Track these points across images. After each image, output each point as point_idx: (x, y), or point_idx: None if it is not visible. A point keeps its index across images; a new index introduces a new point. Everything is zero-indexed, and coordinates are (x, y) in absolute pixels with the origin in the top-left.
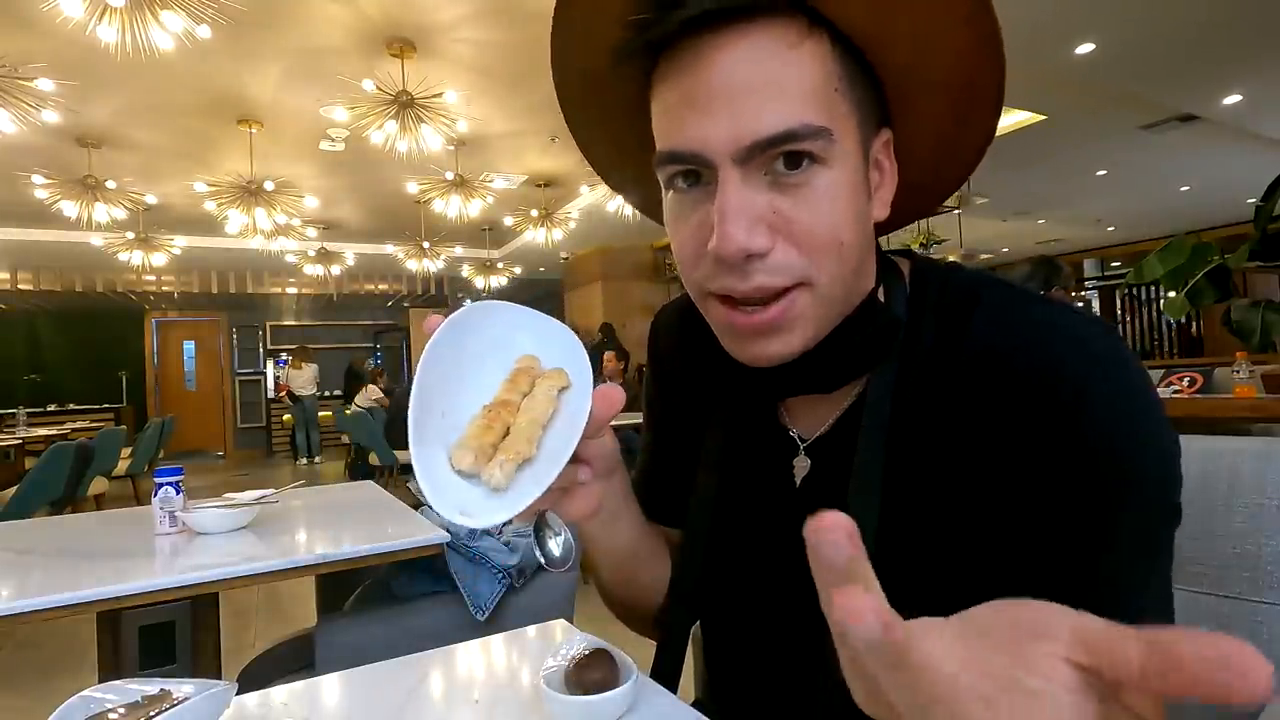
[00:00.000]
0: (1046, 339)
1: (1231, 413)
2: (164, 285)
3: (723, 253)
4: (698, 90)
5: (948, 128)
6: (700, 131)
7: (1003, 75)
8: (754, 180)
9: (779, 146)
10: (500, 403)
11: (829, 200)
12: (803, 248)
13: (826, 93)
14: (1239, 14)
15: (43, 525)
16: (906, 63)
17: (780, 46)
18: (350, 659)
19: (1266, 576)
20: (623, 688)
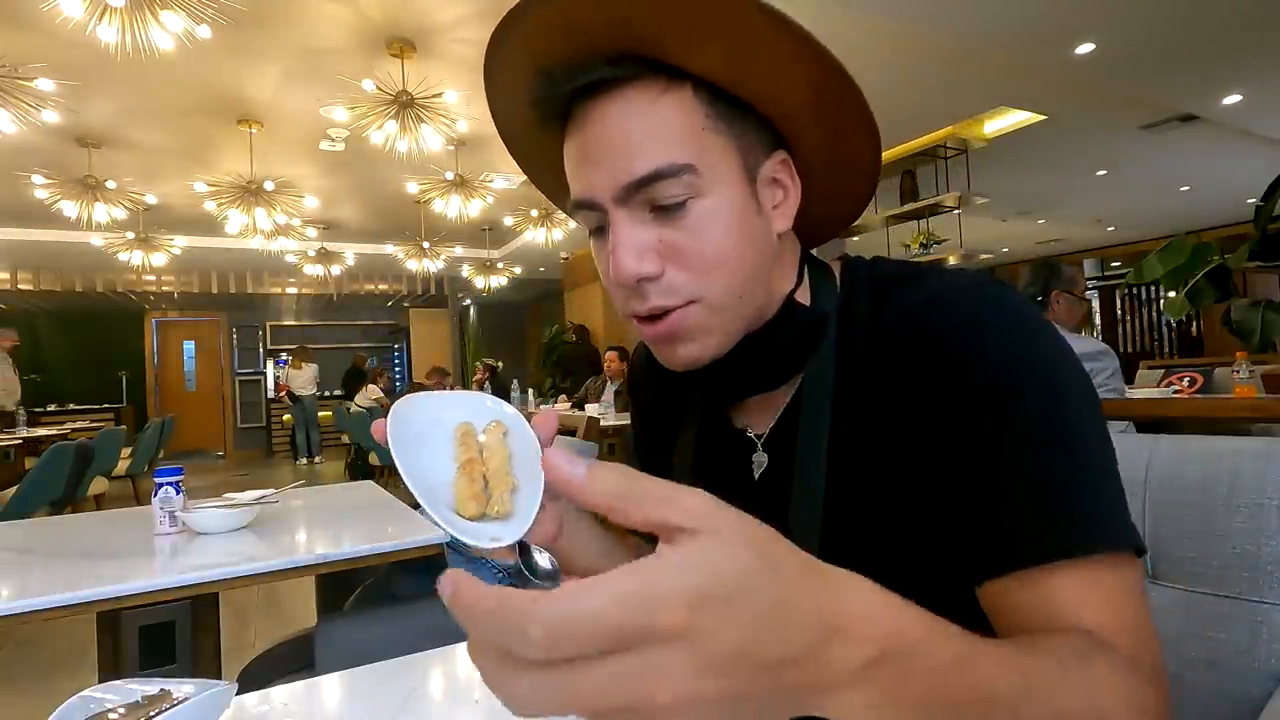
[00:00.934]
0: (941, 288)
1: (1231, 413)
2: (164, 285)
3: (618, 279)
4: (584, 148)
5: (832, 143)
6: (588, 181)
7: (857, 97)
8: (639, 216)
9: (650, 185)
10: (468, 461)
11: (709, 225)
12: (690, 269)
13: (693, 133)
14: (1239, 14)
15: (43, 525)
16: (766, 97)
17: (643, 102)
18: (350, 659)
19: (1266, 576)
20: None
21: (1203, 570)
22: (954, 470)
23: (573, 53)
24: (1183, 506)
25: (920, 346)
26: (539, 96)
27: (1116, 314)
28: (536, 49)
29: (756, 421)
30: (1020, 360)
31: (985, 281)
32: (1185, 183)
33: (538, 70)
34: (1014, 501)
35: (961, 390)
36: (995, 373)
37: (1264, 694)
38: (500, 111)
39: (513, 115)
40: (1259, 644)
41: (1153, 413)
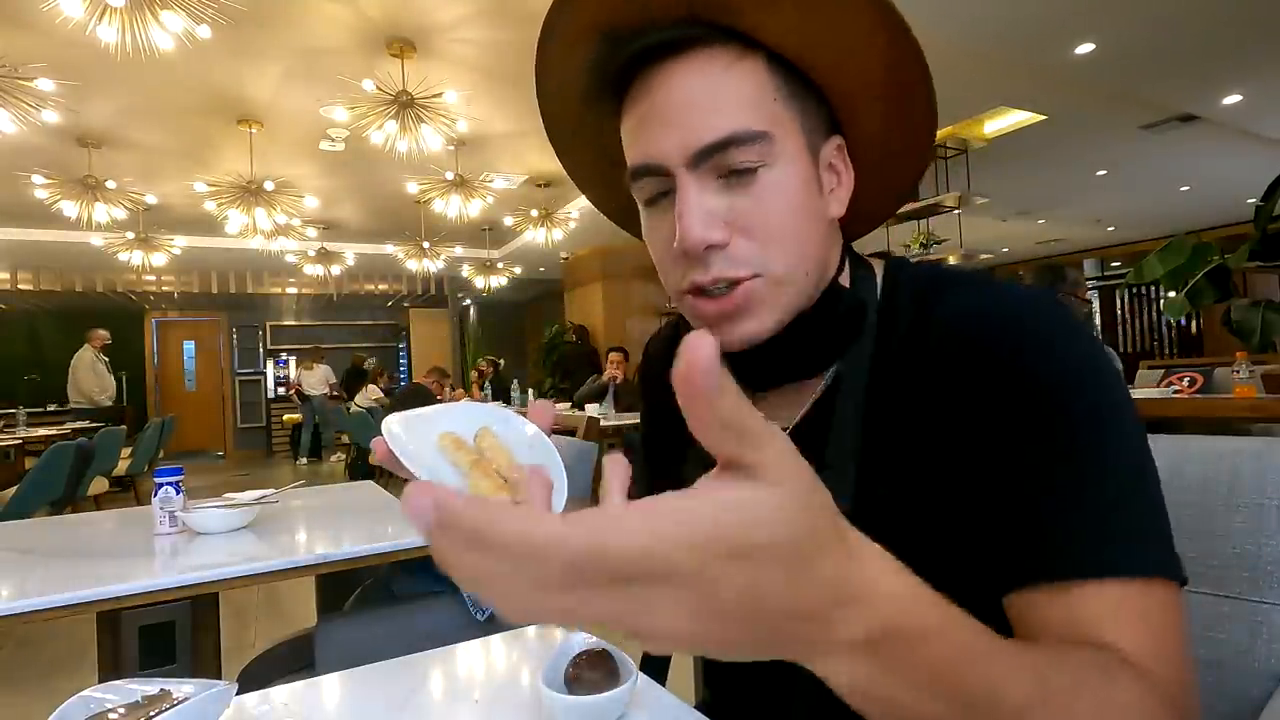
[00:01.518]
0: (992, 303)
1: (1231, 413)
2: (164, 285)
3: (685, 245)
4: (651, 112)
5: (889, 132)
6: (656, 145)
7: (926, 78)
8: (707, 183)
9: (723, 150)
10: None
11: (777, 196)
12: (757, 239)
13: (765, 103)
14: (1239, 14)
15: (43, 525)
16: (836, 75)
17: (716, 68)
18: (350, 659)
19: (1266, 576)
20: (623, 688)
21: (1203, 570)
22: (995, 479)
23: (641, 14)
24: (1183, 506)
25: (970, 353)
26: (599, 61)
27: (1117, 314)
28: (603, 9)
29: (780, 415)
30: (1072, 375)
31: (1039, 294)
32: (1185, 183)
33: (603, 33)
34: (1055, 514)
35: (1010, 401)
36: (1046, 386)
37: (1264, 694)
38: (552, 78)
39: (565, 84)
40: (1259, 644)
41: (1153, 413)
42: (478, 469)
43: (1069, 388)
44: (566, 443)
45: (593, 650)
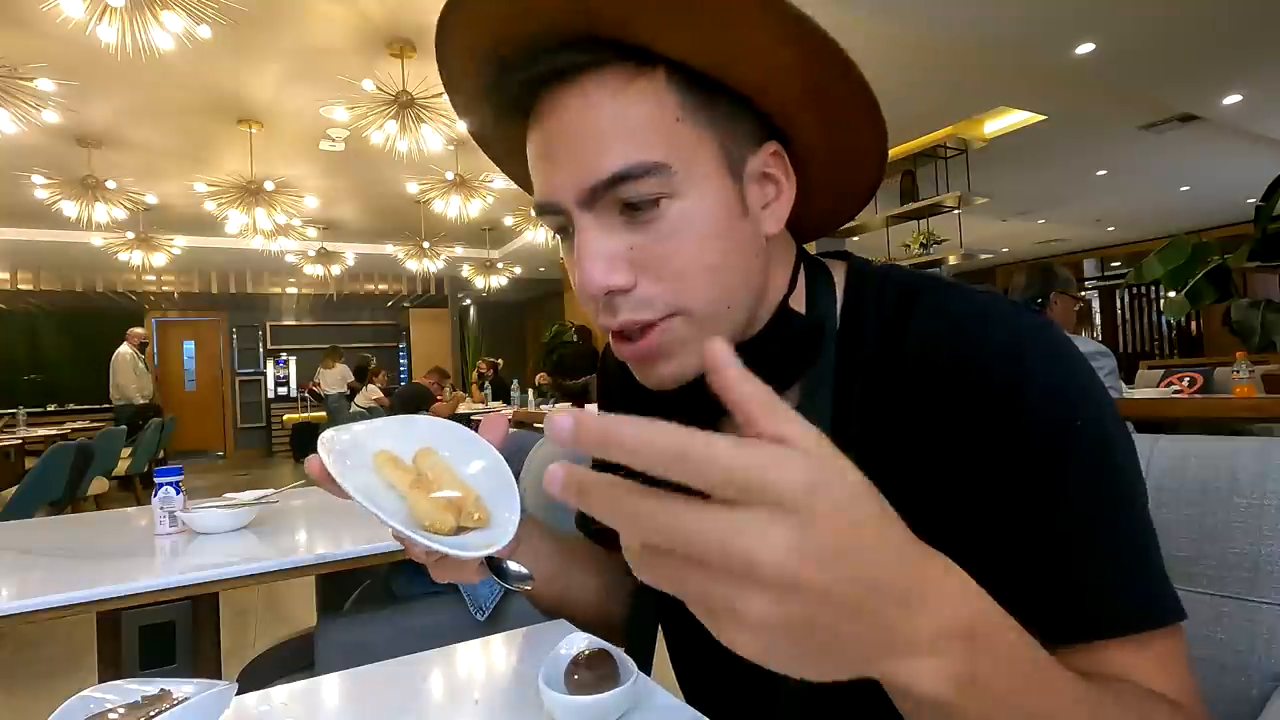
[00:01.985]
0: (979, 328)
1: (1231, 413)
2: (164, 285)
3: (584, 292)
4: (543, 145)
5: (830, 134)
6: (548, 184)
7: (858, 88)
8: (608, 221)
9: (616, 187)
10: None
11: (685, 230)
12: (665, 279)
13: (663, 127)
14: (1239, 14)
15: (43, 525)
16: (752, 83)
17: (605, 94)
18: (350, 659)
19: (1266, 576)
20: (623, 688)
21: (1202, 570)
22: (991, 525)
23: (530, 36)
24: (1183, 506)
25: (951, 380)
26: (494, 85)
27: (1117, 314)
28: (489, 32)
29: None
30: (1067, 411)
31: (1023, 314)
32: (1185, 183)
33: (492, 57)
34: (1066, 574)
35: (1003, 437)
36: (1041, 422)
37: (1264, 694)
38: (459, 100)
39: (471, 105)
40: (1259, 644)
41: (1153, 413)
42: (417, 488)
43: (1062, 420)
44: None
45: (593, 650)
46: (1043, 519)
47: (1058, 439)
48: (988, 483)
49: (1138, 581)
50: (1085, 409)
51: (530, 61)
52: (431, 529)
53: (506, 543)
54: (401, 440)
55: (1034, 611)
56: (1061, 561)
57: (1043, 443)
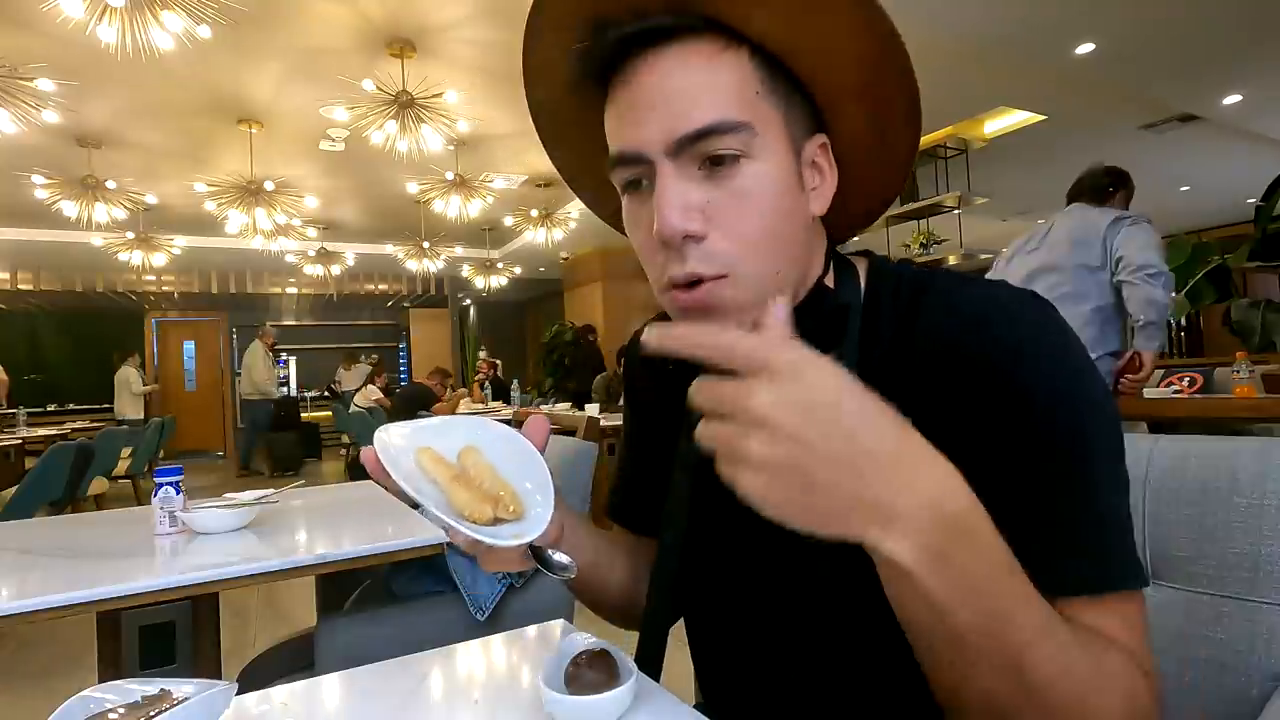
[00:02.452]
0: (983, 312)
1: (1231, 413)
2: (164, 285)
3: (664, 235)
4: (634, 99)
5: (872, 132)
6: (637, 133)
7: (910, 84)
8: (688, 173)
9: (705, 139)
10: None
11: (757, 190)
12: (733, 236)
13: (747, 95)
14: (1239, 14)
15: (43, 525)
16: (818, 71)
17: (700, 59)
18: (350, 659)
19: (1266, 576)
20: (623, 688)
21: (1203, 570)
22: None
23: (629, 3)
24: (1183, 506)
25: (959, 358)
26: (586, 48)
27: None
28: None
29: None
30: (1063, 394)
31: (1028, 298)
32: (1185, 183)
33: (589, 19)
34: (1044, 534)
35: (1002, 415)
36: (1040, 405)
37: (1264, 694)
38: (539, 67)
39: (552, 73)
40: (1259, 644)
41: (1153, 413)
42: (457, 483)
43: (1061, 407)
44: (566, 443)
45: (593, 650)
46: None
47: (1048, 420)
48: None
49: (1106, 549)
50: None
51: (629, 21)
52: (470, 519)
53: (537, 535)
54: (446, 438)
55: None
56: (1034, 521)
57: (1032, 421)
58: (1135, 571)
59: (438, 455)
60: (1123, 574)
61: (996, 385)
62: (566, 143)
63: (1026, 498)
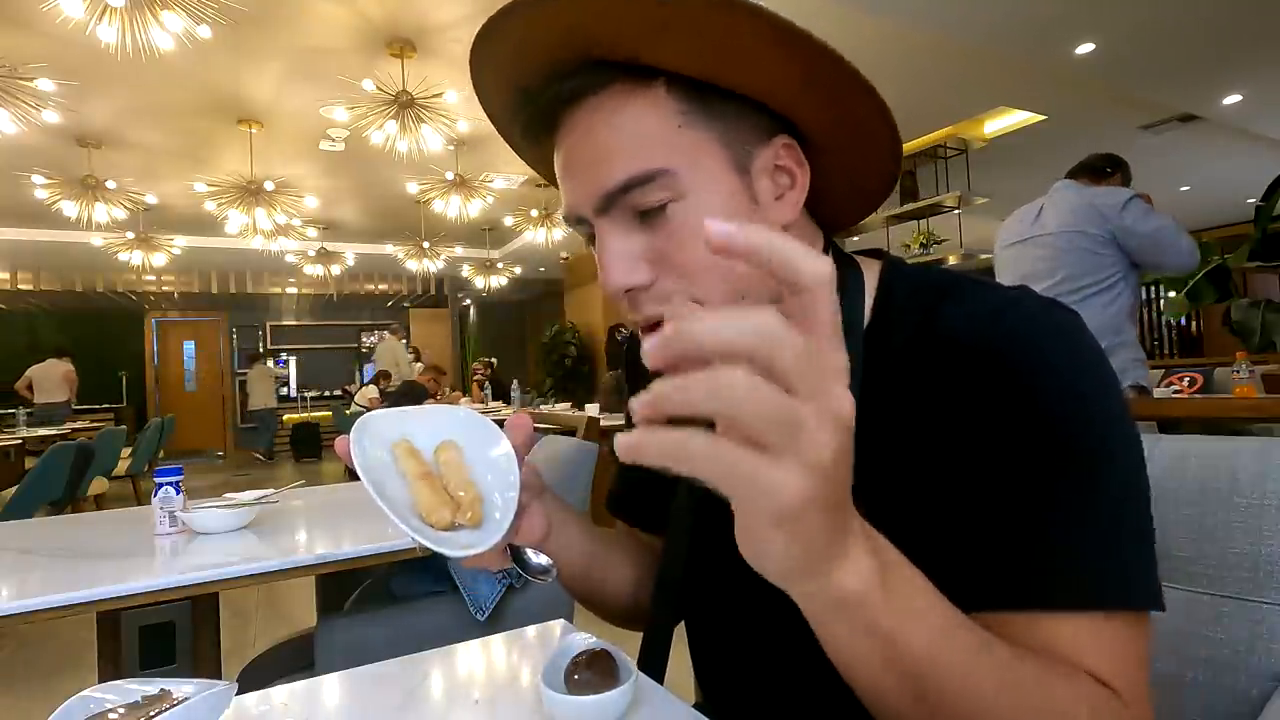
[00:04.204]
0: (1004, 320)
1: (1231, 413)
2: (164, 285)
3: (607, 290)
4: (564, 161)
5: (838, 123)
6: (570, 196)
7: (849, 73)
8: (624, 225)
9: (626, 194)
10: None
11: (692, 227)
12: (681, 274)
13: (664, 134)
14: (1239, 14)
15: (43, 525)
16: (751, 85)
17: (609, 110)
18: (350, 659)
19: (1266, 576)
20: (623, 688)
21: (1203, 570)
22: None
23: (541, 65)
24: (1183, 506)
25: (975, 366)
26: (519, 110)
27: None
28: (508, 65)
29: None
30: (1078, 406)
31: (1051, 306)
32: (1185, 183)
33: (515, 87)
34: (1035, 543)
35: (1015, 423)
36: (1052, 416)
37: (1264, 694)
38: (493, 117)
39: (503, 124)
40: (1259, 644)
41: (1153, 413)
42: (423, 481)
43: (1073, 420)
44: (566, 443)
45: (593, 650)
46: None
47: (1058, 432)
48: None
49: (1099, 564)
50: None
51: (546, 87)
52: (427, 520)
53: (485, 548)
54: (429, 429)
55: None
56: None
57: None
58: (1135, 591)
59: (413, 448)
60: (1115, 591)
61: (1015, 383)
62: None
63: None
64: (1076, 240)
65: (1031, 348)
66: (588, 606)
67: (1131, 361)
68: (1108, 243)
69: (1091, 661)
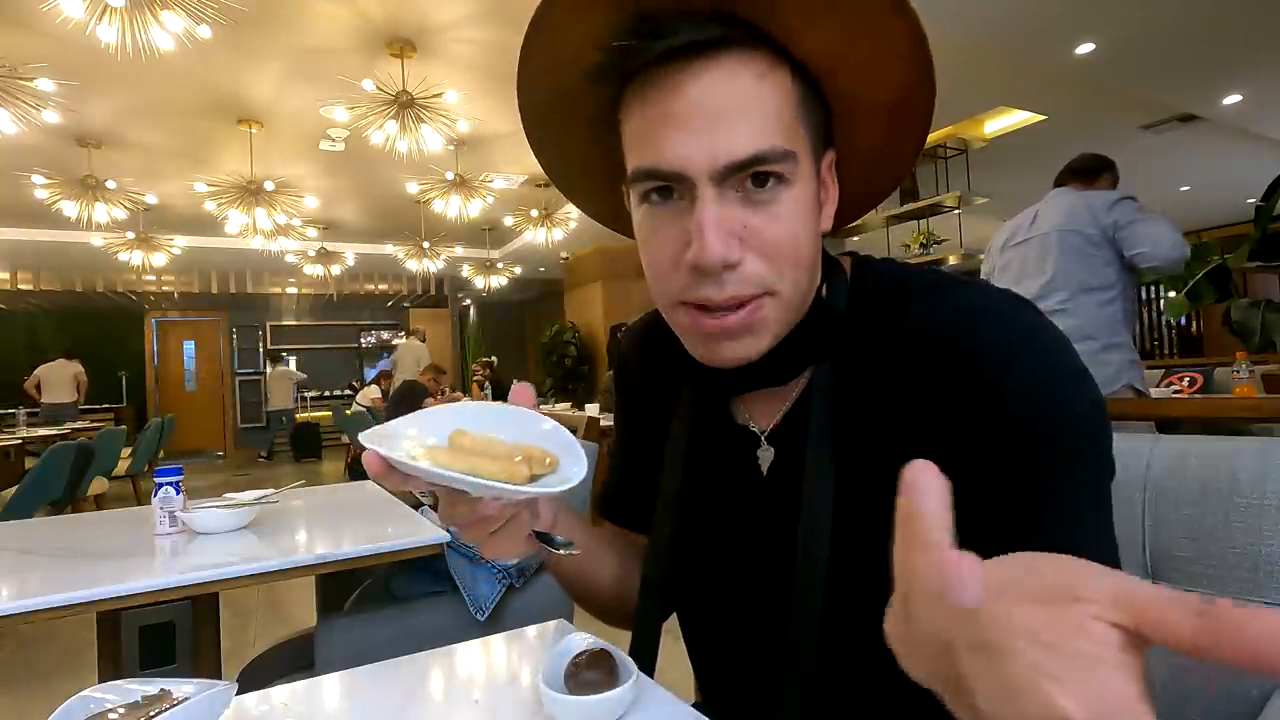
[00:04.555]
0: (969, 315)
1: (1231, 413)
2: (164, 285)
3: (704, 262)
4: (677, 111)
5: (881, 145)
6: (681, 150)
7: (932, 96)
8: (728, 197)
9: (751, 168)
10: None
11: (792, 216)
12: (769, 260)
13: (790, 119)
14: (1239, 14)
15: (43, 525)
16: (856, 92)
17: (751, 76)
18: (350, 659)
19: (1266, 576)
20: (623, 688)
21: (1203, 570)
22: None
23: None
24: (1183, 506)
25: (946, 366)
26: (621, 42)
27: None
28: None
29: (759, 416)
30: (1052, 402)
31: (1015, 303)
32: (1185, 183)
33: (634, 11)
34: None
35: (991, 425)
36: (1023, 412)
37: (1264, 694)
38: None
39: (565, 59)
40: None
41: (1153, 413)
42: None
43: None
44: None
45: (593, 650)
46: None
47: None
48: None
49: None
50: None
51: (678, 29)
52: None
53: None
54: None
55: None
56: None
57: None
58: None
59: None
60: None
61: (980, 387)
62: (563, 143)
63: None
64: (1070, 239)
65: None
66: (580, 602)
67: (1127, 363)
68: (1102, 243)
69: None
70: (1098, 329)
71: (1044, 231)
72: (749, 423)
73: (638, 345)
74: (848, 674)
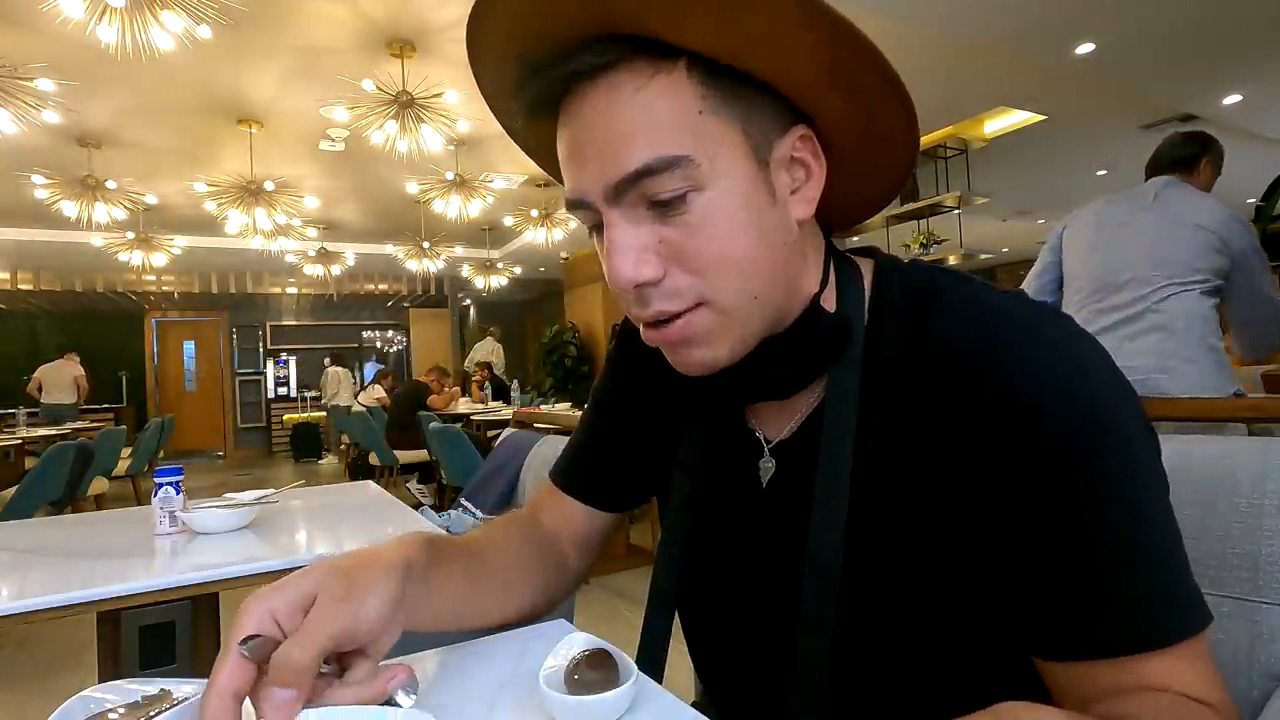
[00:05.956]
0: (1001, 333)
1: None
2: (164, 285)
3: (614, 285)
4: (571, 143)
5: (859, 114)
6: (577, 180)
7: (883, 71)
8: (636, 215)
9: (641, 181)
10: None
11: (713, 219)
12: (694, 270)
13: (686, 119)
14: (1239, 14)
15: (43, 525)
16: (772, 68)
17: (627, 91)
18: None
19: (1266, 576)
20: (623, 688)
21: (1203, 570)
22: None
23: (552, 36)
24: (1183, 506)
25: (973, 386)
26: (522, 85)
27: None
28: (514, 33)
29: (771, 426)
30: (1094, 424)
31: (1044, 315)
32: None
33: (517, 57)
34: (1100, 591)
35: (1027, 452)
36: (1066, 438)
37: (1264, 694)
38: (490, 96)
39: (502, 105)
40: (1259, 644)
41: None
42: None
43: (1089, 435)
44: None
45: (593, 650)
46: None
47: (1080, 455)
48: (1010, 494)
49: (1170, 593)
50: (1110, 427)
51: (555, 61)
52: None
53: None
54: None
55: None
56: (1093, 578)
57: (1065, 459)
58: (1202, 609)
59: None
60: (1194, 616)
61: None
62: (541, 159)
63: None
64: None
65: (1025, 361)
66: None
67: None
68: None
69: (1182, 685)
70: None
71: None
72: (757, 431)
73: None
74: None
